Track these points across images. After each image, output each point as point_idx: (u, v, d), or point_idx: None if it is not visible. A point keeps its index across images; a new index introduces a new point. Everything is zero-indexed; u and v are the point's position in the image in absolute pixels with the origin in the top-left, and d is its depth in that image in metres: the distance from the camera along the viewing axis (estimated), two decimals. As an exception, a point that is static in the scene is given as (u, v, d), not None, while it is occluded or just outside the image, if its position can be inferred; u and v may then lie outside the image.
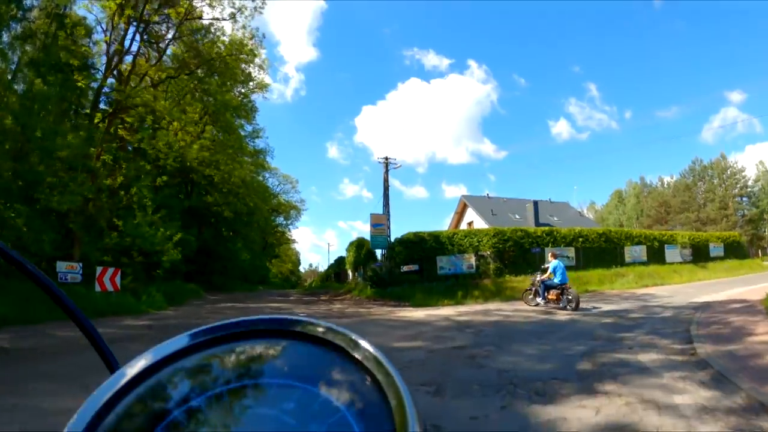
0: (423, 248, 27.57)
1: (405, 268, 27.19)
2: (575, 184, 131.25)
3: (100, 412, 0.41)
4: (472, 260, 26.96)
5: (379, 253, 33.04)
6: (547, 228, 30.82)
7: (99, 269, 14.79)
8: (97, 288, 14.20)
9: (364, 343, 0.45)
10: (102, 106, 21.92)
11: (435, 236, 28.48)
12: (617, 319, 11.53)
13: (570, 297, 14.06)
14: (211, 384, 0.44)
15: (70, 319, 0.64)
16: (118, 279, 14.97)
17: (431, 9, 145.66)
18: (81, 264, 14.58)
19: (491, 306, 16.98)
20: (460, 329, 10.71)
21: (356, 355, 0.44)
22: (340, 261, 55.58)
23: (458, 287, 22.48)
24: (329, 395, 0.41)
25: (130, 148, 24.16)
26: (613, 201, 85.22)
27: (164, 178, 21.42)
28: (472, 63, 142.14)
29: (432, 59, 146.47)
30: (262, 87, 34.87)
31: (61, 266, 14.32)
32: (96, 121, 20.46)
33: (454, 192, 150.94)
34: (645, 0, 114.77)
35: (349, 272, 41.31)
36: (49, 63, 18.63)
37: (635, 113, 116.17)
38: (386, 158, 33.76)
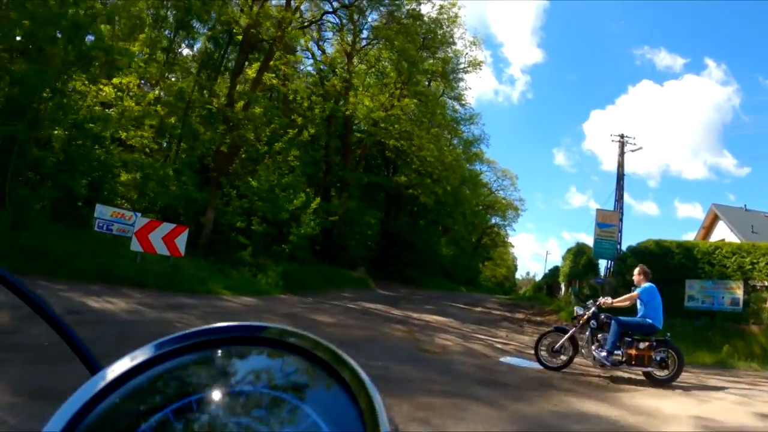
0: (667, 264, 19.04)
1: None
2: None
3: (77, 417, 0.41)
4: (739, 292, 17.55)
5: (603, 264, 25.34)
6: None
7: (139, 219, 10.75)
8: (136, 246, 10.24)
9: (331, 347, 0.45)
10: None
11: (686, 249, 19.60)
12: None
13: (665, 356, 7.33)
14: (182, 393, 0.43)
15: (48, 323, 0.62)
16: (181, 241, 11.04)
17: (661, 2, 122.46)
18: (137, 213, 11.31)
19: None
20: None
21: (324, 359, 0.44)
22: (554, 271, 48.00)
23: (714, 332, 14.16)
24: (299, 400, 0.41)
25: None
26: None
27: (311, 130, 17.68)
28: (709, 62, 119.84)
29: (664, 58, 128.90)
30: (475, 65, 31.31)
31: (103, 211, 10.72)
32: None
33: (688, 211, 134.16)
34: None
35: (562, 286, 33.73)
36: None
37: None
38: (622, 136, 25.38)
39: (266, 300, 11.70)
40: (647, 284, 7.84)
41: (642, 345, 7.33)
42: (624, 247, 23.70)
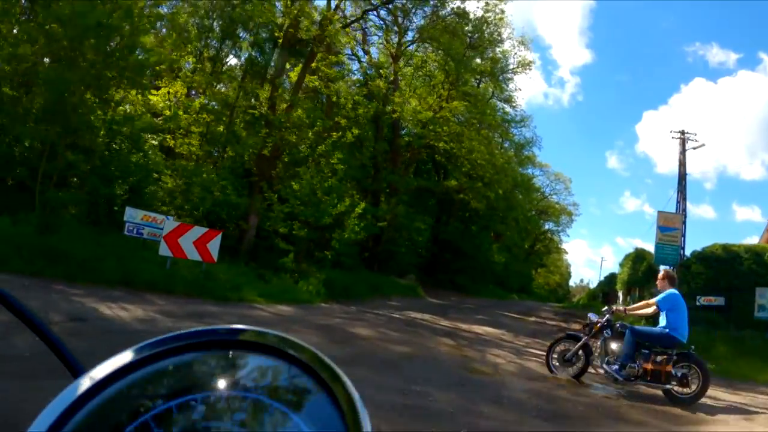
0: (736, 271, 17.35)
1: (703, 301, 17.72)
2: None
3: (55, 425, 0.41)
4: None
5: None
6: None
7: (168, 222, 10.21)
8: (165, 251, 9.51)
9: (311, 349, 0.44)
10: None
11: (756, 253, 17.81)
12: None
13: (687, 372, 6.41)
14: (161, 398, 0.43)
15: (29, 328, 0.61)
16: (214, 246, 10.29)
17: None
18: (170, 216, 10.75)
19: None
20: None
21: (305, 362, 0.43)
22: (610, 278, 45.81)
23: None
24: (280, 404, 0.41)
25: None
26: None
27: (355, 131, 16.89)
28: (764, 56, 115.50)
29: (717, 55, 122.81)
30: (525, 65, 29.90)
31: (132, 215, 10.23)
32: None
33: (747, 214, 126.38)
34: None
35: (620, 294, 31.66)
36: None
37: None
38: (683, 132, 23.37)
39: (304, 309, 10.92)
40: (670, 291, 6.93)
41: (660, 359, 6.44)
42: (688, 252, 21.87)
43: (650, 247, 23.60)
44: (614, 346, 6.82)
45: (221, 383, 0.44)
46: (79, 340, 4.72)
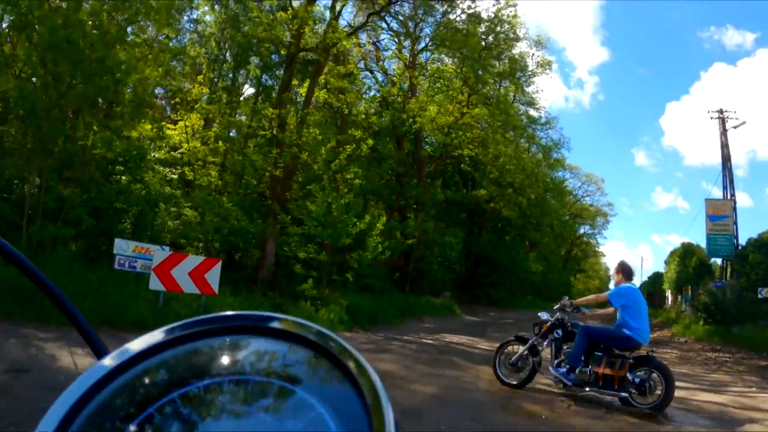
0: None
1: (765, 293, 16.02)
2: None
3: (79, 403, 0.40)
4: None
5: (718, 264, 21.47)
6: None
7: (158, 253, 8.81)
8: (156, 284, 8.22)
9: (340, 341, 0.44)
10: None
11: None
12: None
13: (646, 379, 5.44)
14: (187, 380, 0.43)
15: (55, 304, 0.61)
16: (214, 276, 8.78)
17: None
18: (165, 246, 9.65)
19: None
20: None
21: (333, 353, 0.43)
22: (654, 278, 43.40)
23: None
24: (306, 393, 0.41)
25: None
26: None
27: (369, 141, 15.70)
28: None
29: (733, 36, 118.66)
30: (544, 65, 29.03)
31: (123, 247, 9.02)
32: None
33: None
34: None
35: (668, 294, 29.45)
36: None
37: None
38: (721, 111, 21.46)
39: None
40: (625, 284, 6.25)
41: (614, 362, 5.67)
42: (742, 241, 19.90)
43: (694, 241, 21.69)
44: (566, 348, 6.12)
45: (247, 369, 0.43)
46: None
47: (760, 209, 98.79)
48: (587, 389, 5.79)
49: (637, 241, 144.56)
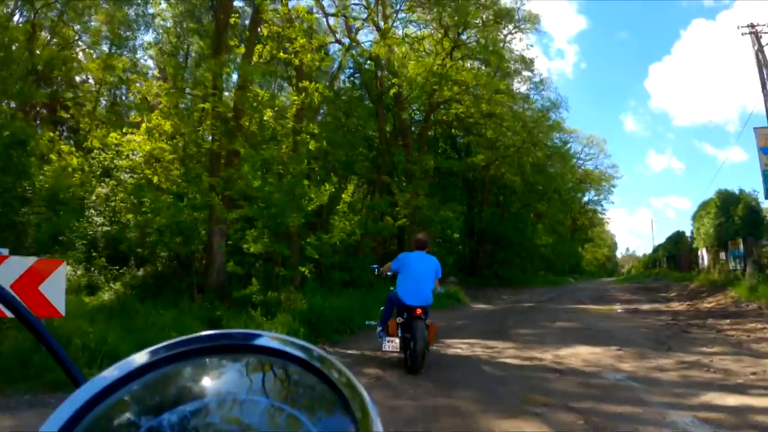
0: None
1: None
2: None
3: (66, 427, 0.40)
4: None
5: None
6: None
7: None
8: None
9: (327, 356, 0.44)
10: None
11: None
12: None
13: (407, 338, 6.17)
14: (172, 402, 0.43)
15: (35, 336, 0.59)
16: (56, 287, 5.14)
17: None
18: (3, 249, 5.85)
19: None
20: None
21: (320, 369, 0.43)
22: (677, 238, 39.93)
23: None
24: (293, 409, 0.41)
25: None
26: None
27: (320, 87, 11.92)
28: None
29: None
30: (533, 20, 25.70)
31: None
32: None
33: None
34: None
35: (702, 252, 25.92)
36: None
37: None
38: (752, 26, 17.72)
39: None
40: (403, 252, 7.21)
41: (393, 324, 6.42)
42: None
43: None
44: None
45: (235, 387, 0.43)
46: None
47: (753, 164, 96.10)
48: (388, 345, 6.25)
49: (637, 207, 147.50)
